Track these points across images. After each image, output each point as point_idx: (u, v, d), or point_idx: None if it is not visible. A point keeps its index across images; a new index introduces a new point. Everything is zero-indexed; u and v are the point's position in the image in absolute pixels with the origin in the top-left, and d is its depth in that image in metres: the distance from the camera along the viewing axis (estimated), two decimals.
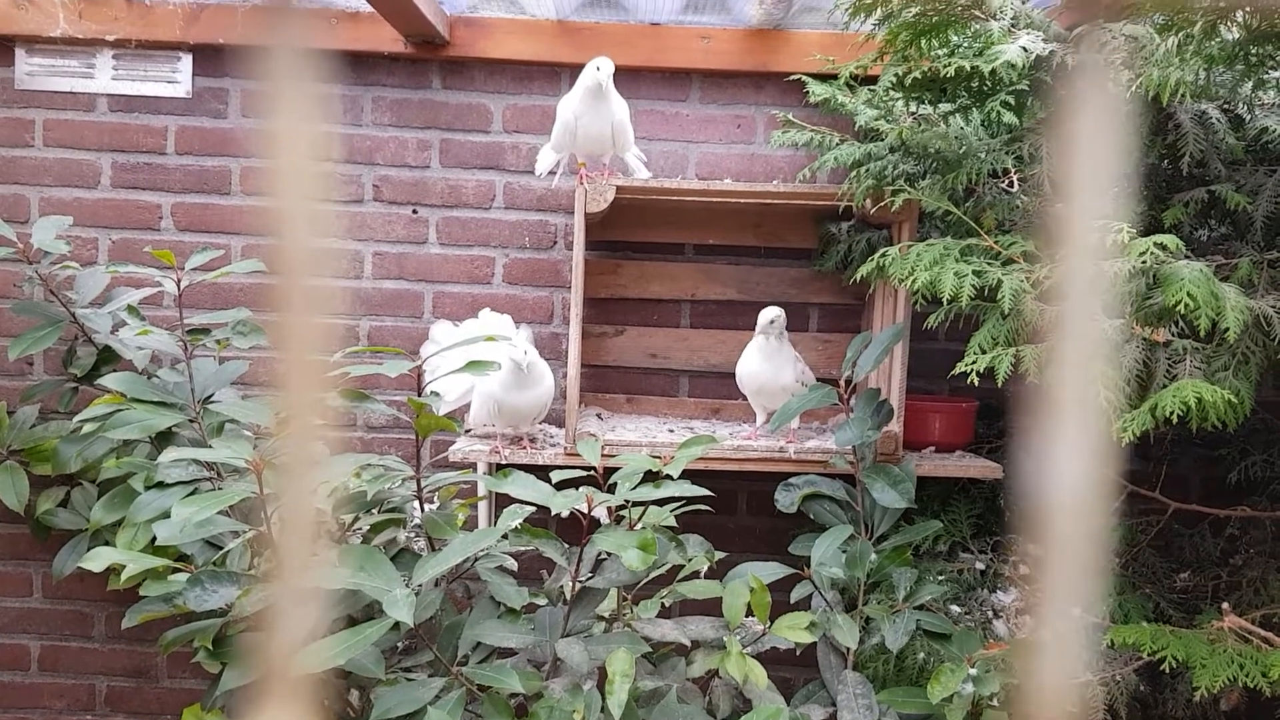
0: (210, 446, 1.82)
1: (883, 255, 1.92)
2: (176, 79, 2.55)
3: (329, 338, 2.61)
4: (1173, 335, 1.55)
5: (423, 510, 1.82)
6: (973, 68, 1.71)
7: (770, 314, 2.13)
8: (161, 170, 2.57)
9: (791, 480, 2.15)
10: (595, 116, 2.15)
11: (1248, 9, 1.50)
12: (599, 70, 2.12)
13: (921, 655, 1.96)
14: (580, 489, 1.67)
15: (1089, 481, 0.39)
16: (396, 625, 1.48)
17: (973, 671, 1.81)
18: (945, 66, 1.74)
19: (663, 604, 1.99)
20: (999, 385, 1.61)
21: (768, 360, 2.17)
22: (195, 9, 2.49)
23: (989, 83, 1.79)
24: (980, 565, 2.20)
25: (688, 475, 1.75)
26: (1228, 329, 1.40)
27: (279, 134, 0.35)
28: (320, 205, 0.37)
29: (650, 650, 1.72)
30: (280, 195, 0.36)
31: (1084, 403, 0.39)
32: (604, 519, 1.76)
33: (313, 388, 0.39)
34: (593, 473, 1.75)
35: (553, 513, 1.64)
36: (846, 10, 1.80)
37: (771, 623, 1.85)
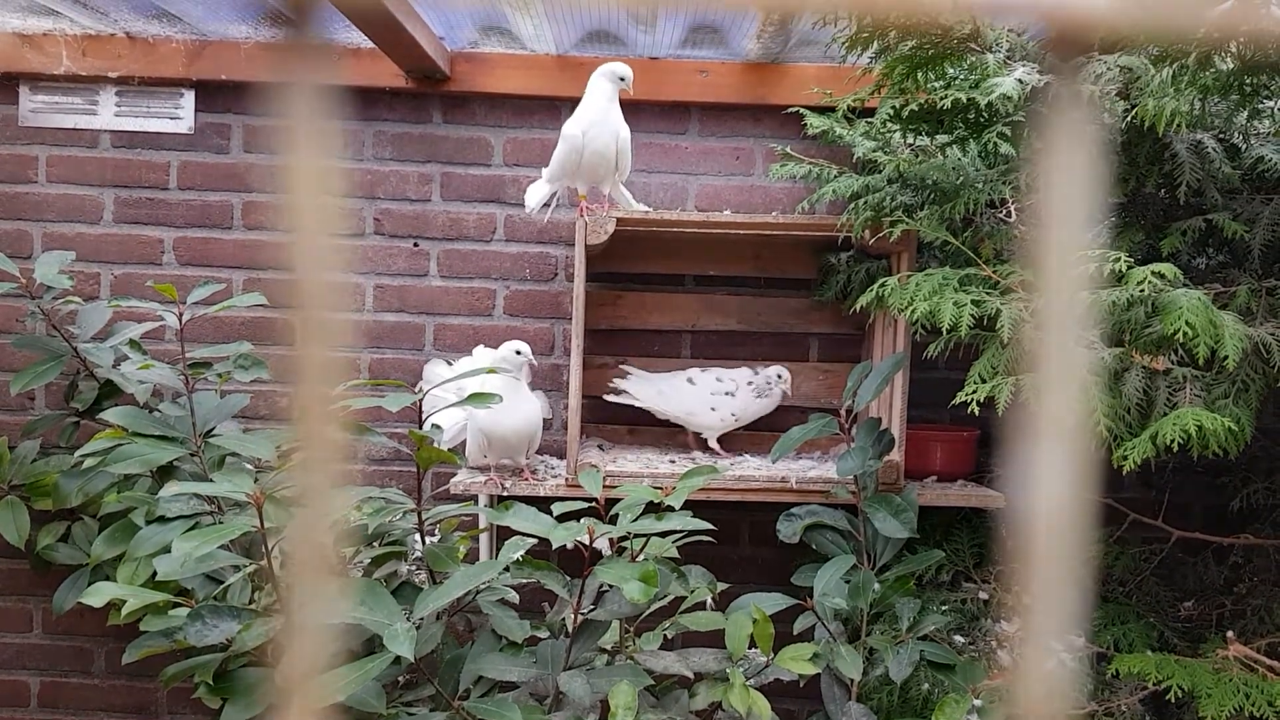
0: (211, 480, 1.82)
1: (882, 285, 1.92)
2: (179, 115, 2.57)
3: (338, 371, 2.61)
4: (1172, 363, 1.55)
5: (424, 543, 1.81)
6: (969, 100, 1.73)
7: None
8: (164, 205, 2.59)
9: (793, 510, 2.14)
10: (604, 129, 2.16)
11: (1241, 40, 1.52)
12: (623, 80, 2.15)
13: (926, 686, 1.95)
14: (582, 520, 1.67)
15: (1068, 500, 0.40)
16: (398, 659, 1.47)
17: (977, 702, 1.80)
18: (942, 99, 1.75)
19: (665, 636, 1.98)
20: (1000, 414, 1.61)
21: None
22: (198, 45, 2.52)
23: (985, 114, 1.81)
24: (984, 595, 2.19)
25: (689, 506, 1.75)
26: (1226, 357, 1.41)
27: (293, 170, 0.36)
28: (334, 240, 0.37)
29: (653, 683, 1.71)
30: (295, 230, 0.37)
31: (1063, 426, 0.40)
32: (606, 550, 1.76)
33: (324, 421, 0.39)
34: (594, 504, 1.74)
35: (554, 545, 1.63)
36: (843, 44, 1.82)
37: (775, 654, 1.84)
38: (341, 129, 2.57)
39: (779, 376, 2.37)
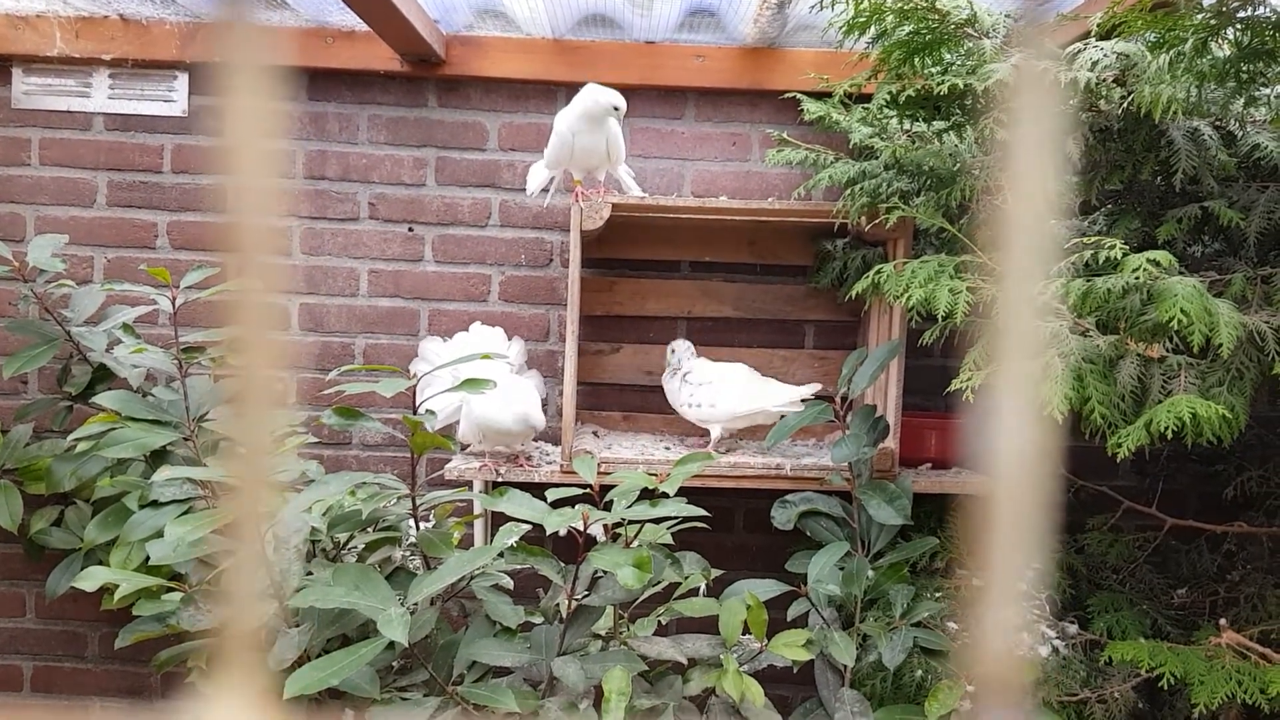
0: (204, 465, 1.82)
1: (878, 272, 1.92)
2: (173, 98, 2.55)
3: (275, 314, 2.61)
4: (1167, 351, 1.55)
5: (418, 528, 1.81)
6: (966, 85, 1.72)
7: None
8: (157, 189, 2.58)
9: (788, 497, 2.14)
10: (593, 131, 2.16)
11: (1238, 27, 1.51)
12: (616, 110, 2.13)
13: (919, 672, 1.95)
14: (576, 507, 1.67)
15: (1029, 451, 0.40)
16: (391, 644, 1.47)
17: (970, 688, 1.80)
18: (938, 84, 1.74)
19: (659, 622, 1.98)
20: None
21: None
22: (192, 27, 2.50)
23: (982, 100, 1.80)
24: (978, 582, 2.19)
25: (684, 492, 1.75)
26: (1221, 345, 1.41)
27: (235, 150, 0.36)
28: (275, 221, 0.37)
29: (647, 668, 1.72)
30: (237, 210, 0.37)
31: (1023, 394, 0.40)
32: (600, 537, 1.76)
33: (263, 359, 0.39)
34: (589, 490, 1.74)
35: (549, 531, 1.63)
36: (841, 29, 1.81)
37: (768, 640, 1.84)
38: (332, 112, 2.56)
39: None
